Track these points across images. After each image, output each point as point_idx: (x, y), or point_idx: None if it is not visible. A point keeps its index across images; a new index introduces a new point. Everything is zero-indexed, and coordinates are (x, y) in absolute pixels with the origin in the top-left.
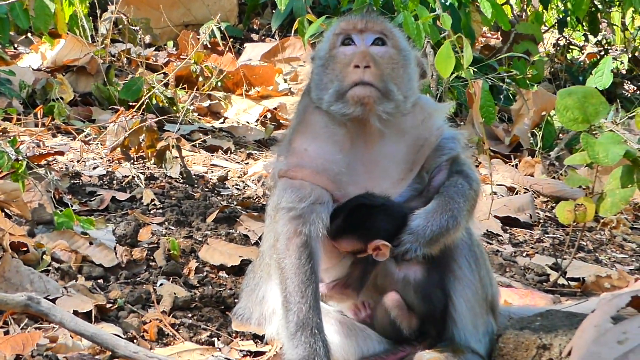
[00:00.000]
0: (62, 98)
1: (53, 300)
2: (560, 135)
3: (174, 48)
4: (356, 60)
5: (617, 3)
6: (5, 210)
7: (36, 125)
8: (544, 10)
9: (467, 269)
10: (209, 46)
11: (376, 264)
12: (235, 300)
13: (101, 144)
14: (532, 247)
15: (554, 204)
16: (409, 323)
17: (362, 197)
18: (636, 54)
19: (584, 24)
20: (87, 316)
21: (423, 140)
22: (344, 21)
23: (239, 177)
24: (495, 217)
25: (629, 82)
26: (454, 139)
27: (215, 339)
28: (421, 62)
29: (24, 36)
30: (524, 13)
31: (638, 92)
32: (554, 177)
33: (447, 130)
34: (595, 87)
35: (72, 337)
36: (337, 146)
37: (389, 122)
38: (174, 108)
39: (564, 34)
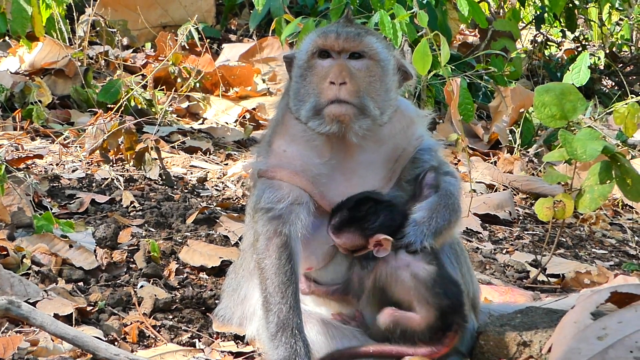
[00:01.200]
0: (40, 101)
1: (33, 304)
2: (539, 132)
3: (152, 49)
4: (332, 77)
5: None
6: None
7: (15, 129)
8: (521, 7)
9: (449, 265)
10: (187, 47)
11: (371, 269)
12: (216, 301)
13: (80, 147)
14: (511, 244)
15: (533, 201)
16: (414, 326)
17: (368, 192)
18: (613, 49)
19: (561, 20)
20: (67, 319)
21: (401, 149)
22: (322, 37)
23: (218, 178)
24: (475, 214)
25: (607, 78)
26: (430, 151)
27: (197, 340)
28: (403, 64)
29: (1, 39)
30: (501, 10)
31: (616, 88)
32: (532, 174)
33: (426, 140)
34: (573, 84)
35: (53, 341)
36: (316, 153)
37: (367, 134)
38: (153, 110)
39: (541, 31)
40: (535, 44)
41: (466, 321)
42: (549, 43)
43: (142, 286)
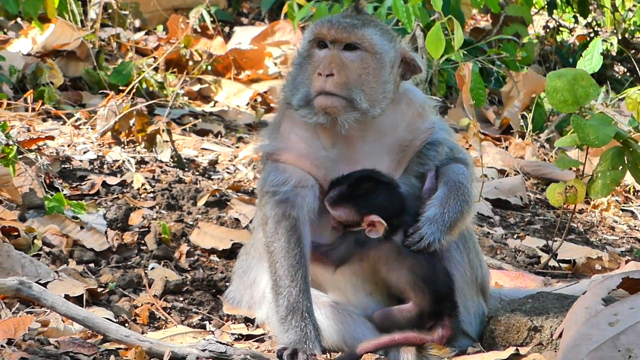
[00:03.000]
0: (52, 83)
1: (44, 285)
2: (551, 117)
3: (164, 32)
4: (321, 68)
5: None
6: None
7: (26, 110)
8: None
9: (455, 251)
10: (199, 30)
11: (365, 248)
12: (227, 283)
13: (91, 129)
14: (522, 230)
15: (545, 186)
16: (406, 318)
17: (371, 170)
18: (626, 35)
19: (573, 5)
20: (78, 300)
21: (408, 141)
22: (318, 26)
23: (229, 160)
24: (486, 199)
25: (619, 64)
26: (438, 145)
27: (207, 322)
28: (413, 58)
29: (14, 21)
30: None
31: (628, 74)
32: (544, 159)
33: (436, 133)
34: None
35: (63, 321)
36: (319, 140)
37: (364, 124)
38: (164, 92)
39: (553, 16)
40: (548, 30)
41: (456, 306)
42: (561, 29)
43: (152, 268)
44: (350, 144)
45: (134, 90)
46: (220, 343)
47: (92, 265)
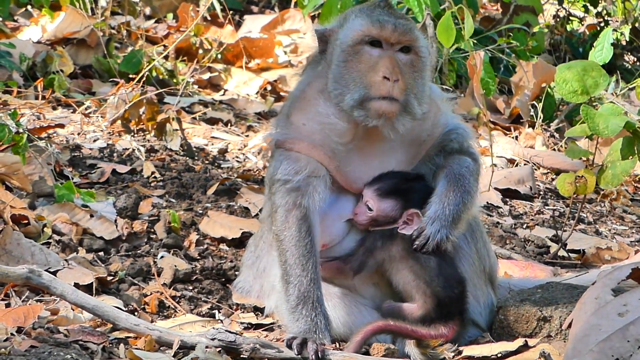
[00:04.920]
0: (62, 71)
1: (54, 273)
2: (561, 107)
3: (174, 20)
4: (386, 71)
5: None
6: (6, 182)
7: (36, 98)
8: None
9: (462, 241)
10: (209, 18)
11: (380, 248)
12: (236, 272)
13: (101, 117)
14: (532, 219)
15: (554, 176)
16: (411, 317)
17: (398, 171)
18: (636, 25)
19: None
20: (88, 289)
21: (425, 136)
22: (377, 26)
23: (239, 149)
24: (496, 189)
25: (629, 54)
26: (454, 140)
27: (216, 311)
28: (433, 52)
29: (24, 9)
30: None
31: (638, 64)
32: (554, 149)
33: (452, 128)
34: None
35: (73, 310)
36: (336, 133)
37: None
38: (174, 80)
39: (563, 5)
40: (558, 19)
41: (464, 311)
42: (571, 18)
43: (162, 257)
44: (370, 137)
45: (144, 78)
46: (230, 332)
47: (101, 253)
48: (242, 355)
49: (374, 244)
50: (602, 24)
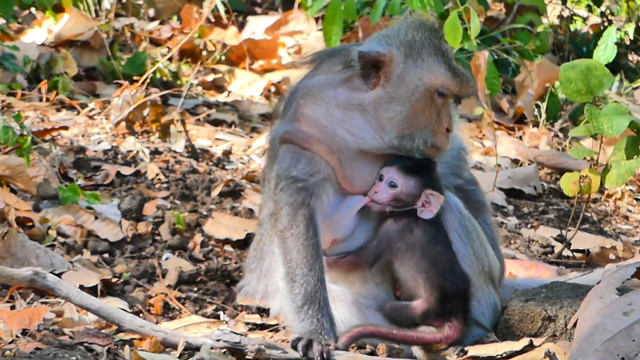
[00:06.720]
0: (66, 73)
1: (59, 275)
2: (565, 106)
3: (178, 22)
4: (449, 124)
5: None
6: (11, 185)
7: (40, 100)
8: None
9: (459, 243)
10: (213, 20)
11: (393, 239)
12: (240, 274)
13: (105, 119)
14: (536, 219)
15: (559, 176)
16: (411, 315)
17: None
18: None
19: None
20: (92, 290)
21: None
22: (458, 82)
23: (243, 150)
24: (500, 189)
25: (633, 53)
26: (464, 149)
27: (221, 312)
28: None
29: (28, 11)
30: None
31: None
32: (558, 149)
33: (456, 145)
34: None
35: (78, 312)
36: (362, 146)
37: None
38: (178, 82)
39: (567, 5)
40: (562, 19)
41: (468, 308)
42: (575, 17)
43: (167, 258)
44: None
45: (148, 80)
46: (235, 333)
47: (106, 255)
48: (247, 357)
49: (389, 234)
50: (605, 24)
